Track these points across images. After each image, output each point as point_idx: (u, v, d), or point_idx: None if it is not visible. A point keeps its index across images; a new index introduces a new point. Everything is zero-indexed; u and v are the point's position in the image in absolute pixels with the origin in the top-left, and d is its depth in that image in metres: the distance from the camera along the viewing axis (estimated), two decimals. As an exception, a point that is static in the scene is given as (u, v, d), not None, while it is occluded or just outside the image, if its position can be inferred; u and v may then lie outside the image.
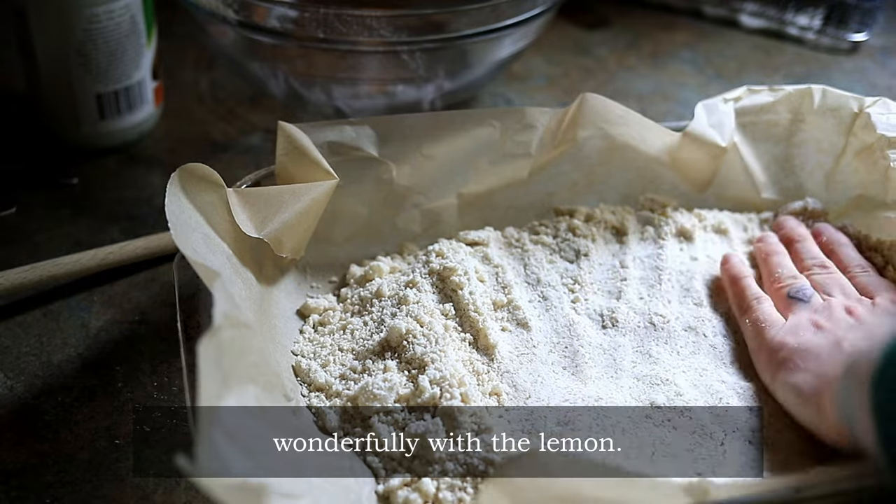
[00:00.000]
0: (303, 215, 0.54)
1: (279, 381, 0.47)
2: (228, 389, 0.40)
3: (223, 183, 0.52)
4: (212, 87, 0.84)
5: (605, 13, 0.98)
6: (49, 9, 0.67)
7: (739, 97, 0.65)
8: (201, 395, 0.38)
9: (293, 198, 0.54)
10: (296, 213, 0.54)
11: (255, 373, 0.43)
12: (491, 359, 0.52)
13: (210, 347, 0.40)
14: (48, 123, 0.73)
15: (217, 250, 0.49)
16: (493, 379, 0.51)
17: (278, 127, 0.56)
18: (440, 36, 0.70)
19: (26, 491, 0.49)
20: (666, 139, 0.63)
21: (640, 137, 0.63)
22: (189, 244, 0.47)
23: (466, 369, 0.51)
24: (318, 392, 0.51)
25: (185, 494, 0.49)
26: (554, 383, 0.51)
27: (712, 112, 0.64)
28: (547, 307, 0.56)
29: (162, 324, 0.59)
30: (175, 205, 0.49)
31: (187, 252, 0.46)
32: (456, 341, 0.52)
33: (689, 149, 0.63)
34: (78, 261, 0.61)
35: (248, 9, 0.69)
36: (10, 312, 0.59)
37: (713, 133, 0.63)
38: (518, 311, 0.56)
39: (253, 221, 0.52)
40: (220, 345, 0.41)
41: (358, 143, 0.58)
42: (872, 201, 0.61)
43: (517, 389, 0.51)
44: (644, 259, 0.60)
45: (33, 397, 0.54)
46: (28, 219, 0.67)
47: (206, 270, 0.45)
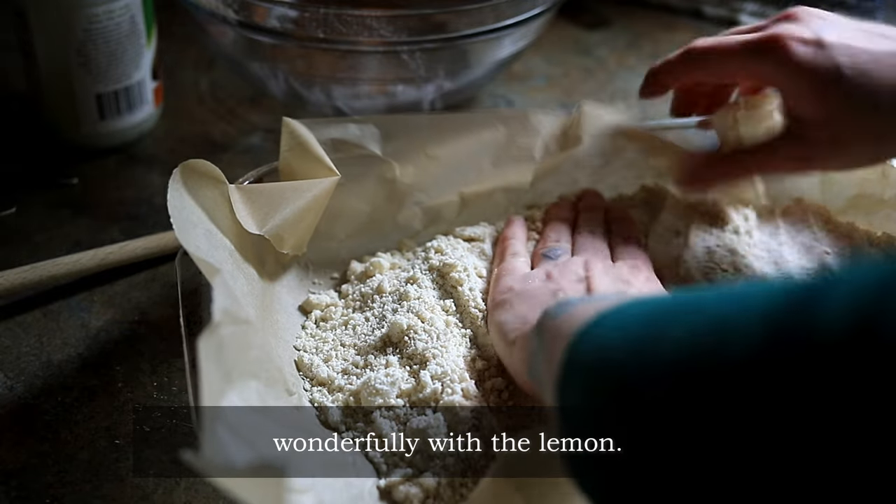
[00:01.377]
0: (304, 212, 0.54)
1: (281, 376, 0.47)
2: (231, 385, 0.40)
3: (225, 179, 0.52)
4: (212, 87, 0.84)
5: (605, 13, 0.98)
6: (49, 9, 0.67)
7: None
8: (203, 392, 0.38)
9: (295, 194, 0.54)
10: (297, 209, 0.54)
11: (256, 368, 0.43)
12: (491, 355, 0.52)
13: (210, 344, 0.40)
14: (48, 123, 0.73)
15: (219, 246, 0.49)
16: (493, 375, 0.51)
17: (283, 123, 0.56)
18: (440, 36, 0.70)
19: (26, 491, 0.48)
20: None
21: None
22: (191, 240, 0.47)
23: (468, 365, 0.51)
24: (320, 386, 0.51)
25: (185, 494, 0.49)
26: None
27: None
28: None
29: (162, 324, 0.59)
30: (177, 201, 0.49)
31: (190, 248, 0.46)
32: (457, 337, 0.53)
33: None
34: (78, 261, 0.61)
35: (248, 9, 0.69)
36: (10, 312, 0.59)
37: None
38: None
39: (254, 218, 0.52)
40: (221, 341, 0.41)
41: (362, 141, 0.58)
42: (871, 199, 0.62)
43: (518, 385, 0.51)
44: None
45: (33, 397, 0.54)
46: (28, 219, 0.67)
47: (208, 266, 0.45)
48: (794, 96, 0.52)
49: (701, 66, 0.56)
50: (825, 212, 0.64)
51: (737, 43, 0.53)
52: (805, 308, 0.30)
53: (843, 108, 0.51)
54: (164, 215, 0.67)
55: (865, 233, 0.61)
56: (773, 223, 0.63)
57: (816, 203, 0.64)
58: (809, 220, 0.63)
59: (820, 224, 0.63)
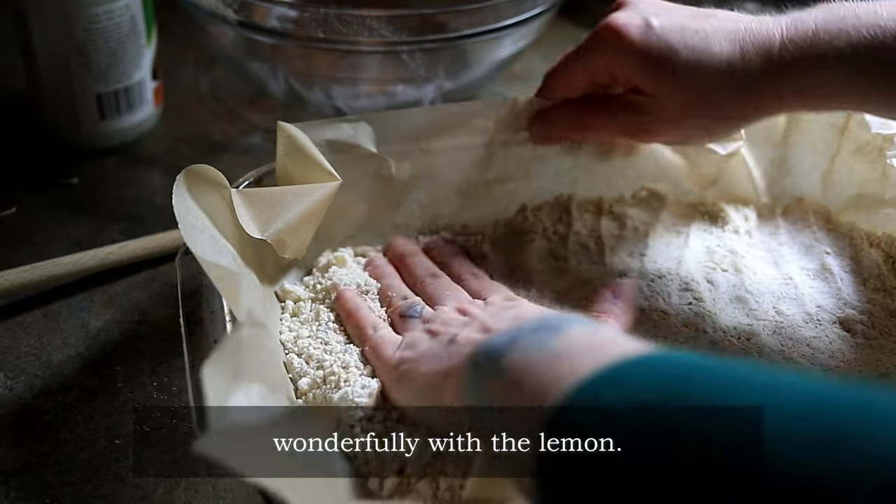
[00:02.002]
0: (306, 216, 0.54)
1: (284, 383, 0.47)
2: (238, 386, 0.40)
3: (227, 183, 0.52)
4: (212, 87, 0.84)
5: (605, 13, 0.98)
6: (49, 9, 0.67)
7: None
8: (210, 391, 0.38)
9: (296, 199, 0.54)
10: (299, 214, 0.54)
11: (263, 372, 0.43)
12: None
13: (231, 342, 0.40)
14: (48, 123, 0.73)
15: (223, 251, 0.49)
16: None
17: (278, 127, 0.56)
18: (440, 36, 0.70)
19: (26, 491, 0.48)
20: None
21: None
22: (198, 245, 0.47)
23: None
24: (303, 397, 0.50)
25: (185, 494, 0.49)
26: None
27: None
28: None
29: (162, 324, 0.59)
30: (181, 206, 0.49)
31: (197, 253, 0.46)
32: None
33: (696, 154, 0.63)
34: (78, 261, 0.61)
35: (248, 9, 0.69)
36: (10, 312, 0.59)
37: (717, 145, 0.63)
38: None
39: (256, 223, 0.52)
40: (241, 341, 0.41)
41: (356, 140, 0.58)
42: (871, 199, 0.62)
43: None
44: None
45: (33, 397, 0.54)
46: (28, 219, 0.67)
47: (220, 270, 0.45)
48: (630, 74, 0.54)
49: (556, 86, 0.59)
50: (825, 211, 0.64)
51: (574, 49, 0.57)
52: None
53: (676, 84, 0.53)
54: (164, 215, 0.68)
55: (866, 233, 0.61)
56: (773, 223, 0.64)
57: (817, 203, 0.64)
58: (810, 219, 0.63)
59: (820, 224, 0.63)
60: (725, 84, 0.52)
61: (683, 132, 0.57)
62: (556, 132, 0.60)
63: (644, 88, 0.54)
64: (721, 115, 0.54)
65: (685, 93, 0.53)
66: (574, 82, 0.58)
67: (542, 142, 0.61)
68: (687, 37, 0.53)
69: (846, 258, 0.60)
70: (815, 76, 0.51)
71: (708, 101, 0.53)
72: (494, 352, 0.41)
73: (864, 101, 0.53)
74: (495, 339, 0.41)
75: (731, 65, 0.52)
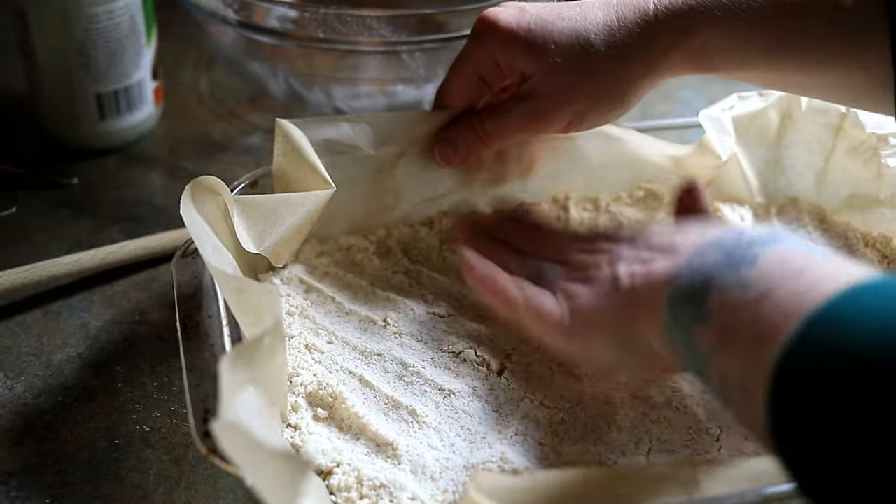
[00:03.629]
0: (300, 227, 0.55)
1: (282, 401, 0.47)
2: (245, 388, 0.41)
3: (225, 191, 0.52)
4: (212, 87, 0.84)
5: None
6: (49, 9, 0.67)
7: (732, 105, 0.65)
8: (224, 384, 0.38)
9: (289, 209, 0.54)
10: (292, 226, 0.54)
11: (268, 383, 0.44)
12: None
13: (252, 345, 0.41)
14: (48, 124, 0.73)
15: (225, 261, 0.50)
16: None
17: (276, 125, 0.56)
18: (440, 36, 0.70)
19: (26, 491, 0.49)
20: (667, 149, 0.63)
21: (640, 142, 0.63)
22: (207, 255, 0.48)
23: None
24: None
25: (185, 494, 0.49)
26: (551, 380, 0.51)
27: (715, 124, 0.64)
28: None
29: (162, 324, 0.59)
30: (188, 216, 0.49)
31: (209, 261, 0.47)
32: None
33: (693, 159, 0.63)
34: (78, 261, 0.61)
35: (248, 9, 0.69)
36: (10, 312, 0.59)
37: (717, 146, 0.63)
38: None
39: (251, 236, 0.53)
40: (261, 346, 0.42)
41: (355, 140, 0.58)
42: (866, 199, 0.62)
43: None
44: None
45: (33, 397, 0.54)
46: (28, 219, 0.68)
47: (240, 282, 0.46)
48: (512, 58, 0.55)
49: (448, 90, 0.58)
50: (820, 211, 0.64)
51: (460, 53, 0.57)
52: None
53: (558, 56, 0.53)
54: (163, 215, 0.68)
55: (861, 233, 0.61)
56: (768, 223, 0.64)
57: (812, 202, 0.64)
58: (805, 219, 0.63)
59: (815, 224, 0.63)
60: (605, 47, 0.53)
61: (576, 108, 0.55)
62: (459, 150, 0.58)
63: (528, 70, 0.54)
64: (608, 80, 0.54)
65: (568, 64, 0.53)
66: (463, 81, 0.58)
67: (446, 162, 0.59)
68: (562, 9, 0.54)
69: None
70: (693, 32, 0.52)
71: (592, 69, 0.53)
72: (692, 295, 0.40)
73: (744, 60, 0.53)
74: (684, 278, 0.41)
75: (609, 26, 0.53)
